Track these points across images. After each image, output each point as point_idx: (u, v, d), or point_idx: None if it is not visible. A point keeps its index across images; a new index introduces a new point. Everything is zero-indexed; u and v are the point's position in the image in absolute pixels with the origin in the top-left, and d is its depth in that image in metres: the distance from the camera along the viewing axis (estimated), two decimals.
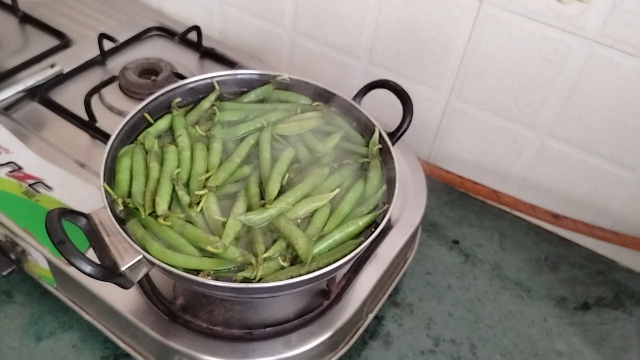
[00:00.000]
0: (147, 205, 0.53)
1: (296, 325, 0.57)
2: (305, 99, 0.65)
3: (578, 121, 0.69)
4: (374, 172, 0.58)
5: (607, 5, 0.60)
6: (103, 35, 0.81)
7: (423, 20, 0.72)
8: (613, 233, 0.73)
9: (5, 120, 0.72)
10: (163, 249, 0.50)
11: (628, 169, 0.69)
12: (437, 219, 0.78)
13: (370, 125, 0.61)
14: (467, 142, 0.79)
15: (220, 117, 0.62)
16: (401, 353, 0.64)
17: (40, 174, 0.66)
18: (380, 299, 0.65)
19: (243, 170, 0.58)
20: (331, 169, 0.58)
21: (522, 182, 0.78)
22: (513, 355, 0.65)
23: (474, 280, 0.72)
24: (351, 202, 0.56)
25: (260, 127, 0.61)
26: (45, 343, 0.61)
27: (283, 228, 0.52)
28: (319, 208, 0.54)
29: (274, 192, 0.54)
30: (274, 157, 0.58)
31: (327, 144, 0.60)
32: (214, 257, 0.50)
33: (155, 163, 0.56)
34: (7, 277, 0.65)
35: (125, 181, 0.55)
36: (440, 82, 0.76)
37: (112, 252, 0.50)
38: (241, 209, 0.53)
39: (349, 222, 0.54)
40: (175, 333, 0.55)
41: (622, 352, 0.66)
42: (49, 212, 0.48)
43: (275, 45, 0.88)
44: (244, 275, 0.49)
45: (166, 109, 0.63)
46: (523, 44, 0.67)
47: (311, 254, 0.50)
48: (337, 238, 0.53)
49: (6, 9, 0.89)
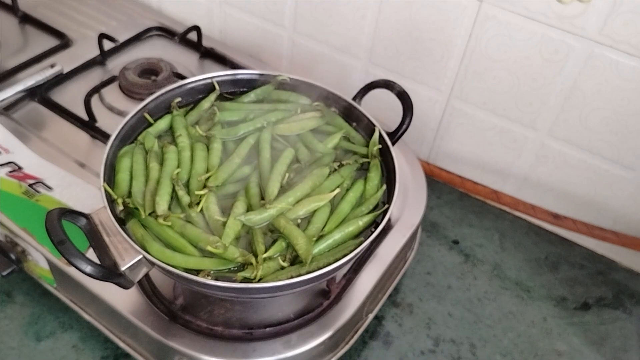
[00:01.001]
0: (147, 205, 0.53)
1: (296, 325, 0.57)
2: (305, 99, 0.65)
3: (578, 121, 0.69)
4: (374, 172, 0.58)
5: (607, 5, 0.60)
6: (103, 35, 0.81)
7: (423, 20, 0.72)
8: (613, 233, 0.73)
9: (5, 120, 0.72)
10: (163, 249, 0.50)
11: (628, 169, 0.69)
12: (437, 219, 0.79)
13: (370, 125, 0.61)
14: (467, 142, 0.79)
15: (220, 117, 0.62)
16: (401, 353, 0.64)
17: (40, 174, 0.66)
18: (380, 299, 0.65)
19: (243, 170, 0.58)
20: (331, 169, 0.58)
21: (522, 182, 0.78)
22: (513, 355, 0.65)
23: (474, 280, 0.72)
24: (351, 202, 0.56)
25: (260, 127, 0.61)
26: (45, 343, 0.61)
27: (283, 228, 0.52)
28: (319, 208, 0.54)
29: (274, 192, 0.54)
30: (274, 157, 0.58)
31: (327, 144, 0.60)
32: (214, 257, 0.50)
33: (155, 163, 0.56)
34: (7, 277, 0.65)
35: (125, 181, 0.55)
36: (440, 82, 0.76)
37: (112, 252, 0.50)
38: (241, 209, 0.53)
39: (349, 222, 0.54)
40: (175, 333, 0.55)
41: (622, 352, 0.66)
42: (49, 212, 0.48)
43: (275, 45, 0.88)
44: (244, 275, 0.49)
45: (166, 109, 0.63)
46: (523, 44, 0.67)
47: (311, 254, 0.50)
48: (337, 238, 0.53)
49: (6, 9, 0.90)
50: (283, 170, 0.57)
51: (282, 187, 0.55)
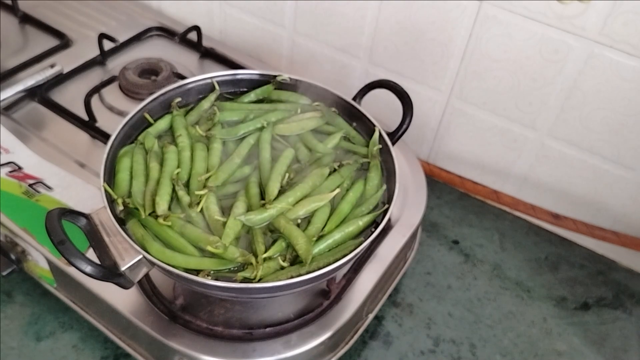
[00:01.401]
0: (147, 205, 0.53)
1: (296, 325, 0.57)
2: (305, 99, 0.65)
3: (578, 121, 0.69)
4: (374, 172, 0.58)
5: (607, 5, 0.60)
6: (103, 35, 0.81)
7: (423, 20, 0.72)
8: (613, 233, 0.73)
9: (5, 120, 0.72)
10: (163, 249, 0.50)
11: (628, 169, 0.69)
12: (437, 219, 0.79)
13: (370, 125, 0.61)
14: (467, 142, 0.79)
15: (220, 117, 0.62)
16: (401, 353, 0.64)
17: (40, 174, 0.66)
18: (380, 299, 0.65)
19: (243, 170, 0.58)
20: (331, 169, 0.58)
21: (522, 182, 0.78)
22: (513, 355, 0.65)
23: (474, 280, 0.72)
24: (351, 202, 0.56)
25: (260, 127, 0.61)
26: (45, 343, 0.61)
27: (283, 228, 0.52)
28: (319, 208, 0.54)
29: (274, 192, 0.54)
30: (274, 157, 0.58)
31: (327, 144, 0.60)
32: (214, 257, 0.50)
33: (155, 163, 0.56)
34: (7, 277, 0.65)
35: (125, 181, 0.55)
36: (440, 82, 0.76)
37: (112, 252, 0.50)
38: (241, 209, 0.53)
39: (349, 222, 0.54)
40: (175, 333, 0.55)
41: (622, 352, 0.66)
42: (49, 212, 0.48)
43: (275, 45, 0.88)
44: (244, 275, 0.49)
45: (166, 109, 0.63)
46: (523, 44, 0.67)
47: (311, 254, 0.50)
48: (337, 238, 0.53)
49: (6, 9, 0.90)
50: (283, 170, 0.57)
51: (282, 187, 0.55)
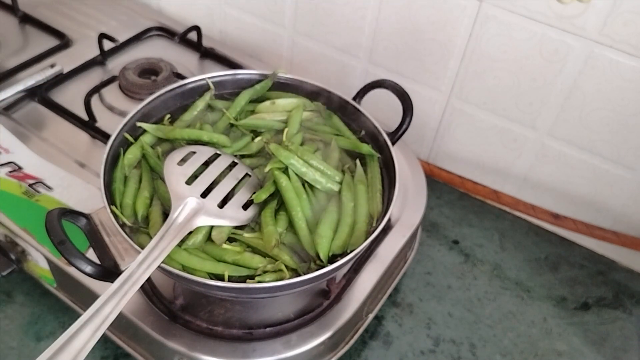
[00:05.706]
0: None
1: (296, 325, 0.57)
2: (304, 99, 0.65)
3: (578, 121, 0.69)
4: (374, 172, 0.58)
5: (607, 5, 0.60)
6: (103, 35, 0.81)
7: (423, 20, 0.72)
8: (613, 233, 0.73)
9: (5, 120, 0.72)
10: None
11: (628, 169, 0.69)
12: (437, 219, 0.78)
13: (370, 125, 0.61)
14: (467, 142, 0.79)
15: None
16: (401, 353, 0.64)
17: (40, 174, 0.66)
18: (380, 299, 0.65)
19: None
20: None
21: (522, 182, 0.78)
22: (513, 355, 0.65)
23: (474, 280, 0.72)
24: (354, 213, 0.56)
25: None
26: (45, 343, 0.61)
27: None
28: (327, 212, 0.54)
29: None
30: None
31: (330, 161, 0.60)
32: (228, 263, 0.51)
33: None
34: (7, 277, 0.65)
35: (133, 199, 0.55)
36: (440, 82, 0.76)
37: (112, 252, 0.50)
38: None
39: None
40: (175, 333, 0.55)
41: (622, 352, 0.66)
42: (49, 212, 0.48)
43: (275, 45, 0.88)
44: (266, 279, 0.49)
45: (166, 109, 0.63)
46: (523, 44, 0.67)
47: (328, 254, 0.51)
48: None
49: (6, 9, 0.89)
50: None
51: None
